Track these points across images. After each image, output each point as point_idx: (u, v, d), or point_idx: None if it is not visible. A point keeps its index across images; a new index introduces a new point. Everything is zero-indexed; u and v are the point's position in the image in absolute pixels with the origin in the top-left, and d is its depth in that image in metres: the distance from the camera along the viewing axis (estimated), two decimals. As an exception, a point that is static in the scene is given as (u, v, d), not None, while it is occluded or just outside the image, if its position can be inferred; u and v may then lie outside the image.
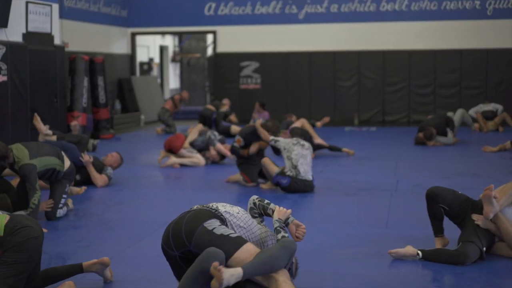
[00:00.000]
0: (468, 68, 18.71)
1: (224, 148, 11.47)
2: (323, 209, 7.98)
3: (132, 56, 20.58)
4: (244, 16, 19.67)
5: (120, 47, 19.89)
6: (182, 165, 11.32)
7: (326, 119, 14.15)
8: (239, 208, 4.84)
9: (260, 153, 9.54)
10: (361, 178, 9.86)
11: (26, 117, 12.20)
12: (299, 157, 8.77)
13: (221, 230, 4.42)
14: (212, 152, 11.45)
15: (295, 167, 8.76)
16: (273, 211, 4.83)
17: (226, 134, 14.67)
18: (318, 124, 13.82)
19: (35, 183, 6.76)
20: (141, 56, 22.34)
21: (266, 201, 4.95)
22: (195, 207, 4.73)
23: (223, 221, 4.55)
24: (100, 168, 9.50)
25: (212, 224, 4.45)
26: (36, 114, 9.93)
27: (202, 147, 11.56)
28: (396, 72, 19.07)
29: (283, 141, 8.98)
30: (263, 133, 9.21)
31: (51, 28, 13.51)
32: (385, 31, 18.98)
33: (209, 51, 26.85)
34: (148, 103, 20.37)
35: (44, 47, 13.29)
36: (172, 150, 11.50)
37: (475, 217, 5.69)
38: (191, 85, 26.68)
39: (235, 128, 15.36)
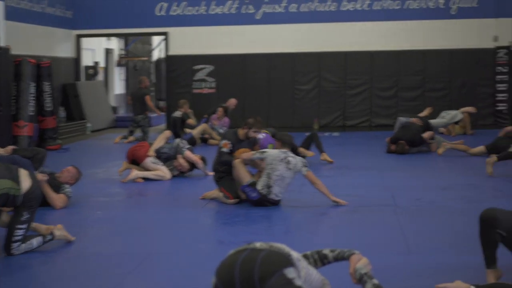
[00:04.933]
0: (432, 69, 18.04)
1: (195, 156, 10.36)
2: (326, 231, 6.91)
3: (77, 60, 19.20)
4: (198, 17, 18.53)
5: (64, 50, 18.51)
6: (145, 179, 10.14)
7: None
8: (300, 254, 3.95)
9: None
10: (352, 192, 8.83)
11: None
12: (278, 178, 7.83)
13: (299, 282, 3.63)
14: (181, 160, 10.30)
15: (269, 187, 7.79)
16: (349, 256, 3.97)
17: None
18: None
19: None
20: (86, 59, 20.95)
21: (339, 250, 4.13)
22: (257, 244, 3.78)
23: (298, 271, 3.62)
24: (57, 187, 8.25)
25: (291, 273, 3.63)
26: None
27: (169, 156, 10.40)
28: (357, 74, 18.26)
29: (270, 155, 7.91)
30: (244, 155, 8.10)
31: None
32: (346, 31, 18.15)
33: (155, 54, 25.68)
34: (94, 110, 19.06)
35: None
36: (135, 160, 10.31)
37: (536, 244, 4.72)
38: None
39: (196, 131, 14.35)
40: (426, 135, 12.90)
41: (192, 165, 10.43)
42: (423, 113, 14.59)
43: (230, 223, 7.30)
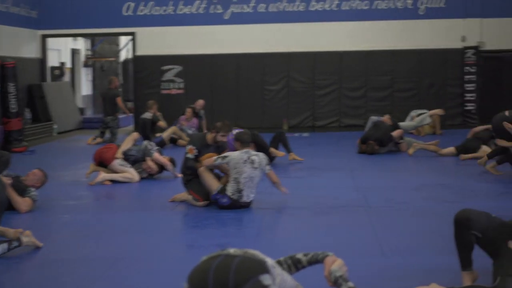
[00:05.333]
0: (401, 69, 18.06)
1: (163, 158, 10.20)
2: (298, 233, 6.76)
3: (42, 61, 18.88)
4: (165, 17, 18.33)
5: (29, 50, 18.18)
6: (113, 181, 9.95)
7: None
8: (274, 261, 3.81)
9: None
10: (324, 193, 8.76)
11: None
12: (247, 180, 7.70)
13: None
14: (149, 163, 10.13)
15: (239, 191, 7.66)
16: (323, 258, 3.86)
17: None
18: None
19: None
20: (52, 60, 20.61)
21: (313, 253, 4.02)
22: (231, 250, 3.65)
23: (273, 278, 3.50)
24: (22, 190, 8.03)
25: (267, 280, 3.47)
26: None
27: (137, 158, 10.22)
28: (326, 75, 18.20)
29: (233, 158, 7.76)
30: (206, 162, 7.95)
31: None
32: (315, 31, 18.09)
33: (123, 55, 25.40)
34: (61, 111, 18.76)
35: None
36: (103, 162, 10.12)
37: (512, 245, 4.66)
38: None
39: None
40: (395, 133, 12.88)
41: (161, 167, 10.27)
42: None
43: (200, 226, 7.16)
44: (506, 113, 9.66)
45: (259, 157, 7.87)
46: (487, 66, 17.75)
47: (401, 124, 13.56)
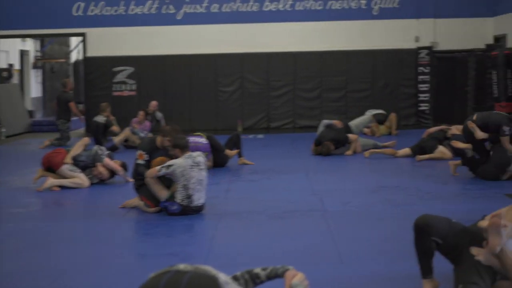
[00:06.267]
0: (355, 70, 18.00)
1: (114, 163, 9.89)
2: (253, 240, 6.52)
3: (-11, 62, 18.37)
4: (117, 17, 17.96)
5: (-25, 52, 17.67)
6: (62, 187, 9.60)
7: None
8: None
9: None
10: (279, 197, 8.56)
11: None
12: (196, 184, 7.45)
13: None
14: (100, 169, 9.80)
15: (189, 196, 7.42)
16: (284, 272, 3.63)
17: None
18: None
19: None
20: (0, 62, 20.06)
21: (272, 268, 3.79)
22: (181, 266, 3.40)
23: None
24: (-36, 198, 7.67)
25: None
26: None
27: (87, 164, 9.88)
28: (281, 76, 18.05)
29: (178, 166, 7.49)
30: (150, 173, 7.67)
31: None
32: (269, 32, 17.93)
33: (73, 56, 24.89)
34: (9, 114, 18.27)
35: None
36: (51, 167, 9.76)
37: (475, 251, 4.52)
38: (54, 93, 24.45)
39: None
40: (352, 136, 12.78)
41: (113, 172, 9.96)
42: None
43: (151, 234, 6.89)
44: (474, 117, 9.66)
45: (200, 157, 7.65)
46: (441, 66, 17.80)
47: (351, 124, 13.43)
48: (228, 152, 11.43)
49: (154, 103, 16.28)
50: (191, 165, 7.47)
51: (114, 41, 17.94)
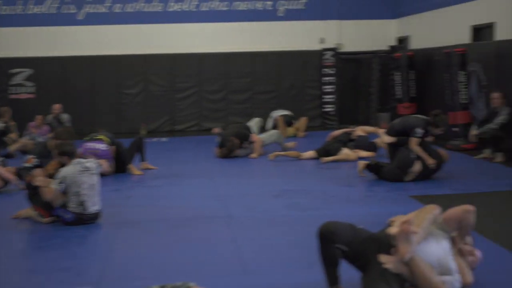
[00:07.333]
0: (260, 71, 17.88)
1: (6, 171, 9.33)
2: (155, 250, 6.19)
3: None
4: (14, 16, 17.18)
5: None
6: (-50, 197, 9.00)
7: None
8: None
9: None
10: (182, 203, 8.27)
11: None
12: (88, 190, 7.13)
13: None
14: (-9, 177, 9.24)
15: (82, 203, 7.07)
16: None
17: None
18: None
19: None
20: None
21: None
22: (169, 286, 3.12)
23: None
24: None
25: None
26: None
27: (-23, 173, 9.29)
28: (186, 77, 17.72)
29: (68, 175, 7.11)
30: (47, 195, 7.22)
31: None
32: (174, 33, 17.57)
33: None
34: None
35: None
36: None
37: (383, 259, 4.36)
38: None
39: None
40: (256, 138, 12.62)
41: (5, 181, 9.40)
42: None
43: (44, 247, 6.44)
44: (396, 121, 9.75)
45: (90, 162, 7.32)
46: (345, 68, 17.89)
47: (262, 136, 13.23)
48: (131, 168, 10.84)
49: (57, 106, 15.66)
50: (81, 171, 7.13)
51: (11, 42, 17.16)
